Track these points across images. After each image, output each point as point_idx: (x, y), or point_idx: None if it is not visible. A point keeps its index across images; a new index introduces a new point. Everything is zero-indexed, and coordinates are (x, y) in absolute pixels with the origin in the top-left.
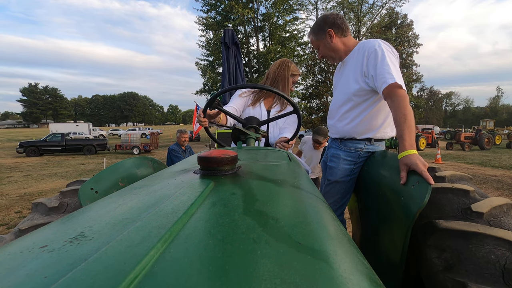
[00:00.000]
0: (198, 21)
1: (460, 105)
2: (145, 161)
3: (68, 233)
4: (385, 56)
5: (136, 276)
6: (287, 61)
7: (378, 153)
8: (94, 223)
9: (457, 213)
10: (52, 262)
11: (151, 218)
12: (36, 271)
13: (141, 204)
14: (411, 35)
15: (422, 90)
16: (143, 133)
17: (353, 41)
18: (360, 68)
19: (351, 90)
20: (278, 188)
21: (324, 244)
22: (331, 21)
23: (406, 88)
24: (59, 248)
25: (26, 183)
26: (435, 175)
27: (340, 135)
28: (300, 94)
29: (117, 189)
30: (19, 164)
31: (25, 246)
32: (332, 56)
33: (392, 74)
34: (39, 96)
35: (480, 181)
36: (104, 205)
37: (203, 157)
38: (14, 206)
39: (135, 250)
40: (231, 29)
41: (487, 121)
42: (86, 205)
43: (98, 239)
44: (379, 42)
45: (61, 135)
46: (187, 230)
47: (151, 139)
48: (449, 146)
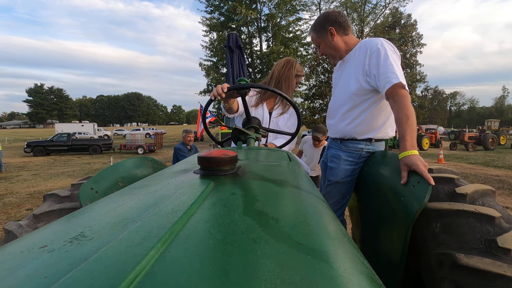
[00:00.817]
0: (202, 22)
1: (465, 105)
2: (145, 161)
3: (68, 233)
4: (388, 56)
5: (136, 276)
6: (292, 61)
7: (378, 153)
8: (94, 223)
9: (479, 245)
10: (52, 262)
11: (151, 218)
12: (36, 271)
13: (141, 204)
14: (415, 35)
15: (426, 90)
16: (147, 133)
17: (354, 40)
18: (362, 67)
19: (351, 89)
20: (278, 188)
21: (324, 244)
22: (333, 19)
23: (410, 88)
24: (59, 248)
25: (35, 182)
26: (455, 190)
27: (341, 135)
28: (303, 94)
29: (117, 189)
30: (27, 164)
31: (25, 246)
32: (333, 54)
33: (396, 73)
34: (44, 97)
35: (481, 181)
36: (104, 205)
37: (203, 157)
38: (25, 204)
39: (135, 250)
40: (235, 34)
41: (492, 121)
42: (86, 205)
43: (98, 239)
44: (382, 41)
45: (67, 135)
46: (187, 230)
47: (155, 139)
48: (453, 146)
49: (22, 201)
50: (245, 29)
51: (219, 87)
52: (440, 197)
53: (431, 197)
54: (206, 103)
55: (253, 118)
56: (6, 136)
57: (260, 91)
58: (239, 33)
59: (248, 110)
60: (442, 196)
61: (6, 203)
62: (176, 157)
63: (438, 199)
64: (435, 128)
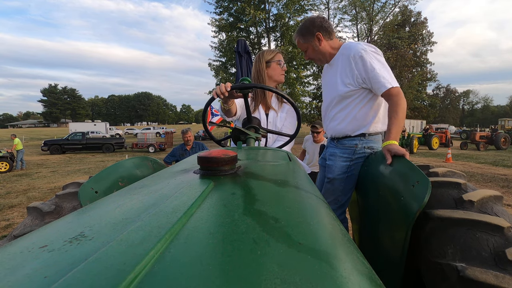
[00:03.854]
0: (211, 23)
1: (479, 104)
2: (145, 161)
3: (68, 233)
4: (373, 61)
5: (136, 276)
6: (258, 54)
7: (378, 153)
8: (94, 223)
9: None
10: (52, 262)
11: (151, 218)
12: (36, 271)
13: (141, 204)
14: (425, 33)
15: (438, 88)
16: (157, 132)
17: (338, 44)
18: (347, 71)
19: (339, 92)
20: (278, 188)
21: (324, 244)
22: (319, 24)
23: (420, 87)
24: (59, 248)
25: (54, 178)
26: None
27: (335, 135)
28: (311, 94)
29: (117, 189)
30: (45, 161)
31: (25, 246)
32: (320, 58)
33: (386, 78)
34: (58, 97)
35: (487, 180)
36: (104, 205)
37: (203, 157)
38: (47, 198)
39: (135, 250)
40: (243, 40)
41: (506, 120)
42: (86, 205)
43: (98, 239)
44: (363, 45)
45: (82, 134)
46: (187, 230)
47: (166, 138)
48: (464, 146)
49: (44, 195)
50: (254, 29)
51: (222, 86)
52: (446, 204)
53: (437, 203)
54: (207, 101)
55: (253, 118)
56: (23, 135)
57: (253, 97)
58: (247, 34)
59: (249, 110)
60: (448, 203)
61: (30, 197)
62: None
63: (444, 206)
64: (445, 127)
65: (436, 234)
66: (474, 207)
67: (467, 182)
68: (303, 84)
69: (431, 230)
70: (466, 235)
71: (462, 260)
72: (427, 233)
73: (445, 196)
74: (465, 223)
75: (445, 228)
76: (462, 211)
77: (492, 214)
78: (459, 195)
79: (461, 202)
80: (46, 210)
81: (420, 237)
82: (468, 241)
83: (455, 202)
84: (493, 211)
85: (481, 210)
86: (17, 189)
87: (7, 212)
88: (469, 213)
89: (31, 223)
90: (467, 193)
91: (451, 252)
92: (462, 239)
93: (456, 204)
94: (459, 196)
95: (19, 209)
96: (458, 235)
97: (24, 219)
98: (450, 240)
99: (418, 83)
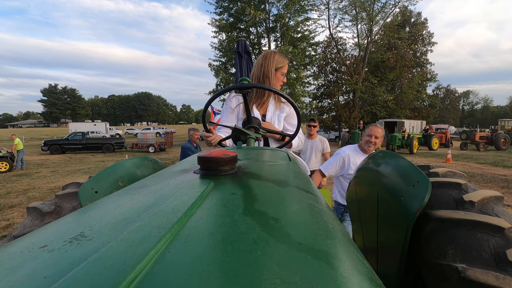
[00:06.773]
0: (212, 23)
1: (479, 104)
2: (145, 161)
3: (68, 233)
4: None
5: (136, 276)
6: (269, 54)
7: (378, 152)
8: (94, 223)
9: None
10: (52, 262)
11: (151, 218)
12: (36, 271)
13: (141, 204)
14: (425, 34)
15: (438, 89)
16: (157, 132)
17: None
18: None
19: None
20: (278, 188)
21: (324, 244)
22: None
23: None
24: (59, 248)
25: (54, 178)
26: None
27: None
28: (311, 94)
29: (117, 189)
30: (44, 161)
31: (25, 246)
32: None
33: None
34: (58, 97)
35: (487, 180)
36: (104, 205)
37: (202, 157)
38: (47, 198)
39: (135, 250)
40: (244, 40)
41: (506, 121)
42: (86, 205)
43: (98, 239)
44: None
45: (82, 134)
46: (187, 230)
47: (166, 138)
48: (463, 146)
49: (44, 195)
50: (254, 29)
51: (212, 140)
52: (446, 204)
53: (437, 204)
54: (207, 101)
55: (253, 118)
56: (23, 135)
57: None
58: (247, 34)
59: (249, 110)
60: (449, 203)
61: (30, 197)
62: (184, 155)
63: (444, 206)
64: (445, 127)
65: (437, 234)
66: (474, 208)
67: (468, 183)
68: (303, 85)
69: (431, 231)
70: (467, 236)
71: (462, 260)
72: (427, 234)
73: (445, 197)
74: (465, 223)
75: (446, 228)
76: (462, 211)
77: (492, 215)
78: (460, 195)
79: (462, 203)
80: (46, 210)
81: (420, 237)
82: (468, 242)
83: (456, 203)
84: (494, 212)
85: (482, 211)
86: (17, 189)
87: (7, 212)
88: (469, 213)
89: (30, 223)
90: (468, 193)
91: (452, 252)
92: (462, 240)
93: (456, 204)
94: (459, 196)
95: (19, 209)
96: (459, 235)
97: (23, 219)
98: (451, 240)
99: (418, 84)
